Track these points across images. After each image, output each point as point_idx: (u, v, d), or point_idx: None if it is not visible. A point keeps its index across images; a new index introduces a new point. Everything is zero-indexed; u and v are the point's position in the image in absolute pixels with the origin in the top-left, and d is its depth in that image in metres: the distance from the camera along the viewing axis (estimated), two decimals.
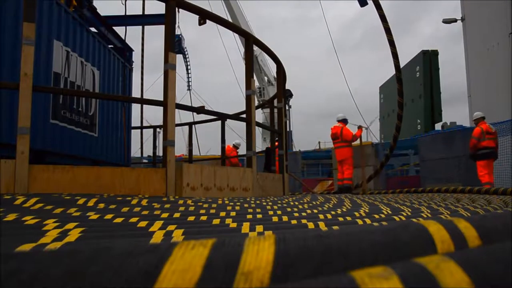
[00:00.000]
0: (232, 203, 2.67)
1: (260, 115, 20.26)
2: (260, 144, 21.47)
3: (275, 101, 6.11)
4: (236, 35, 16.34)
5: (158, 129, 8.71)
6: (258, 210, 2.24)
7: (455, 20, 15.13)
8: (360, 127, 8.20)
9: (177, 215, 1.83)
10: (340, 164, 8.34)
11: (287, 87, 11.49)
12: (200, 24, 5.19)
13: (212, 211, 2.09)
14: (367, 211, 2.29)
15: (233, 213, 1.99)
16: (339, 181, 8.51)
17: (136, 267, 0.39)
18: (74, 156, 4.75)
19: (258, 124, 5.16)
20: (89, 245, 1.11)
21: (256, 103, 6.72)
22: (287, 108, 21.62)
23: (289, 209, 2.35)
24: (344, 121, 8.46)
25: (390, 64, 8.11)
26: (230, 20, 15.11)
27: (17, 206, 1.93)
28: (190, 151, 7.89)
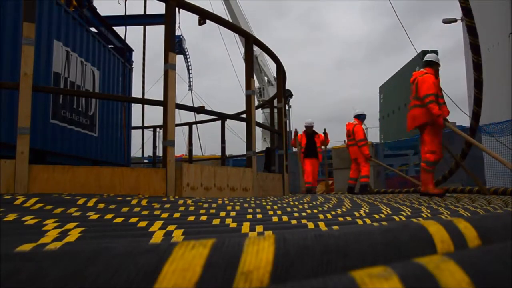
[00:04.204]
0: (232, 203, 2.67)
1: (260, 115, 20.27)
2: (260, 145, 21.48)
3: (275, 101, 6.12)
4: (237, 36, 16.35)
5: (158, 129, 8.71)
6: (258, 210, 2.24)
7: (455, 20, 15.11)
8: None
9: (177, 215, 1.83)
10: (355, 162, 8.08)
11: (288, 87, 11.47)
12: (200, 24, 5.20)
13: (212, 211, 2.09)
14: (367, 211, 2.29)
15: (233, 213, 1.99)
16: (350, 179, 8.17)
17: (136, 267, 0.39)
18: (74, 156, 4.75)
19: (258, 124, 5.16)
20: (89, 245, 1.11)
21: (256, 103, 6.70)
22: (287, 108, 21.62)
23: (289, 209, 2.35)
24: (359, 117, 7.96)
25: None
26: (230, 20, 15.10)
27: (17, 206, 1.93)
28: (190, 151, 7.89)
